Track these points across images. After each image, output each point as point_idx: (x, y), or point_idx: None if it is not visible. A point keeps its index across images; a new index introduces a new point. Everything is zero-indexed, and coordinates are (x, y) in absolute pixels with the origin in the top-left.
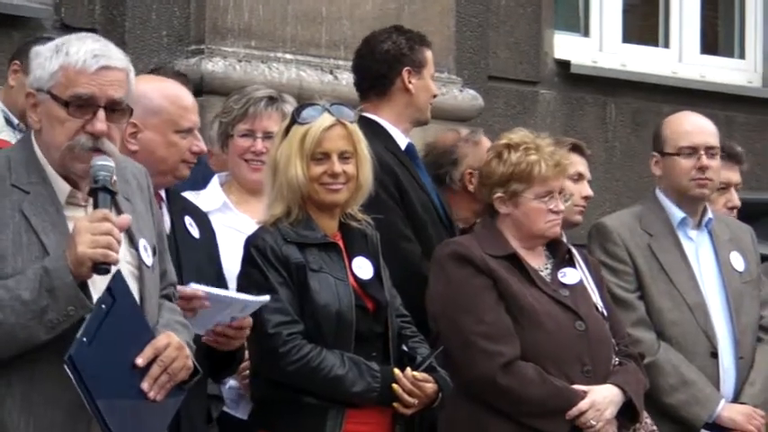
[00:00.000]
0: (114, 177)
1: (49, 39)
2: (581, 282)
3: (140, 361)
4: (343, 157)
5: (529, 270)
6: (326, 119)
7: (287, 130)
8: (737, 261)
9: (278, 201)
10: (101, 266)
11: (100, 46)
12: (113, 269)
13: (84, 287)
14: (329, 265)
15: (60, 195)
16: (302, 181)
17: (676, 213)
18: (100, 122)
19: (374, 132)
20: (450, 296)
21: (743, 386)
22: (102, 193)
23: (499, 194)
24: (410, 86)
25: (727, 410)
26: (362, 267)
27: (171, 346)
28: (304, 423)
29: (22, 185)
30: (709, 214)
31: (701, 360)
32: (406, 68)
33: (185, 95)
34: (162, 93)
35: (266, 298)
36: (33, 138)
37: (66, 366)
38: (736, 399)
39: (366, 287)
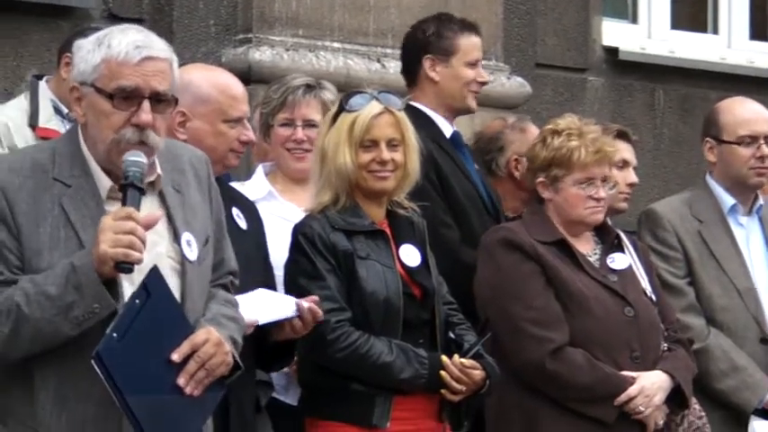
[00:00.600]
0: (146, 174)
1: (97, 29)
2: (630, 267)
3: (176, 356)
4: (391, 144)
5: (577, 256)
6: (375, 106)
7: (334, 118)
8: None
9: (325, 188)
10: (123, 265)
11: (142, 37)
12: (149, 264)
13: (113, 284)
14: (377, 253)
15: (102, 190)
16: (351, 168)
17: (727, 200)
18: (145, 114)
19: (419, 120)
20: (499, 282)
21: None
22: (132, 190)
23: (541, 179)
24: (433, 75)
25: None
26: (410, 255)
27: (210, 341)
28: (352, 409)
29: (64, 179)
30: (761, 201)
31: (750, 346)
32: (428, 57)
33: (235, 84)
34: (211, 81)
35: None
36: (80, 131)
37: (93, 362)
38: None
39: (413, 274)
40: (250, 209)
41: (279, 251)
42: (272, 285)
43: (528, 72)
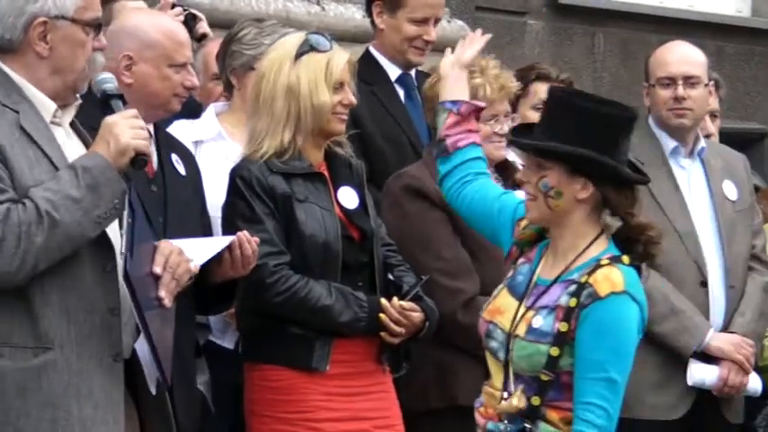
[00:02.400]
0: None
1: None
2: None
3: (158, 269)
4: (349, 87)
5: None
6: (340, 50)
7: (298, 56)
8: (730, 190)
9: (286, 128)
10: (140, 158)
11: None
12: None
13: None
14: (315, 196)
15: (46, 114)
16: (328, 108)
17: (668, 142)
18: (104, 38)
19: (364, 59)
20: (406, 231)
21: (732, 316)
22: (116, 100)
23: None
24: (378, 22)
25: (715, 340)
26: (348, 197)
27: (173, 252)
28: (292, 353)
29: (10, 104)
30: (702, 143)
31: (690, 289)
32: (377, 3)
33: (180, 31)
34: (157, 27)
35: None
36: (1, 63)
37: (125, 282)
38: (725, 328)
39: (352, 217)
40: (188, 155)
41: (223, 193)
42: (209, 232)
43: (468, 15)
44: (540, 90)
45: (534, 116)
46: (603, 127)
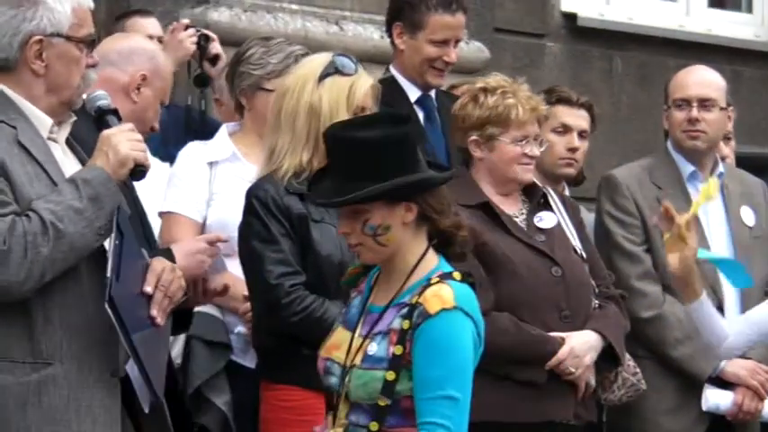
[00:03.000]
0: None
1: None
2: (558, 225)
3: (149, 288)
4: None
5: (502, 218)
6: (365, 75)
7: (322, 78)
8: (748, 216)
9: (305, 148)
10: (139, 169)
11: None
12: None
13: None
14: (330, 216)
15: (42, 130)
16: None
17: (686, 167)
18: (96, 55)
19: (386, 82)
20: None
21: None
22: (111, 116)
23: (474, 138)
24: (398, 43)
25: (731, 365)
26: None
27: (165, 269)
28: (306, 373)
29: (7, 121)
30: (721, 168)
31: None
32: (397, 24)
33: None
34: (168, 64)
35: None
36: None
37: (107, 307)
38: (741, 354)
39: None
40: None
41: (240, 213)
42: (152, 241)
43: (486, 36)
44: (561, 113)
45: (555, 139)
46: (397, 146)
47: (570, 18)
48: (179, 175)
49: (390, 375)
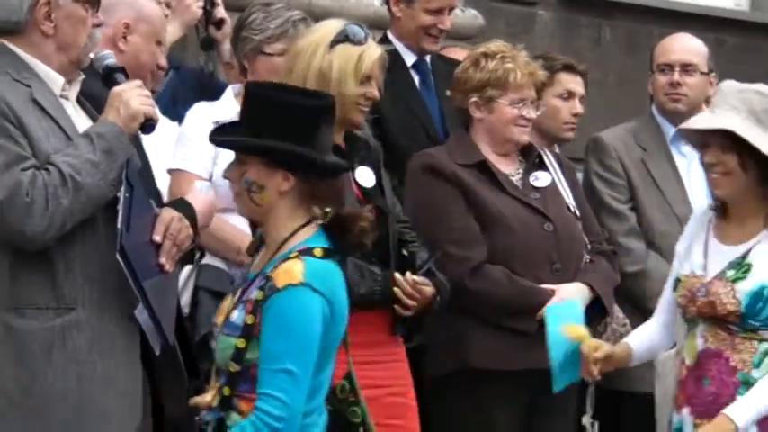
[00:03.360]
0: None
1: None
2: (552, 183)
3: (158, 237)
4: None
5: (498, 176)
6: (374, 45)
7: (332, 45)
8: None
9: None
10: (148, 123)
11: None
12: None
13: None
14: None
15: (54, 88)
16: (352, 100)
17: (669, 129)
18: (101, 15)
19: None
20: (423, 206)
21: None
22: (119, 74)
23: (474, 99)
24: (395, 10)
25: None
26: (365, 176)
27: (174, 218)
28: None
29: (21, 80)
30: None
31: None
32: None
33: (161, 11)
34: (151, 4)
35: None
36: (10, 45)
37: (118, 256)
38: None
39: (368, 194)
40: None
41: None
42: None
43: (482, 4)
44: (565, 80)
45: (560, 104)
46: (299, 118)
47: None
48: (187, 135)
49: (241, 343)
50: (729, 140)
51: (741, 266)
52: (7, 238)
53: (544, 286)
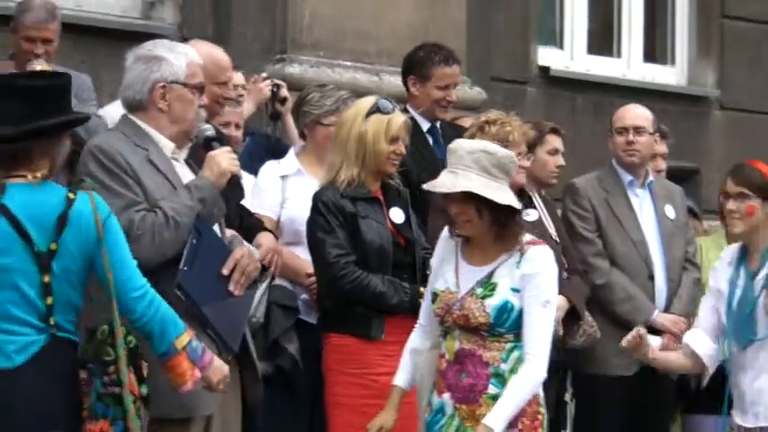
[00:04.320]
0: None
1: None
2: (539, 219)
3: (225, 270)
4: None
5: None
6: (400, 114)
7: (368, 115)
8: (670, 211)
9: (355, 163)
10: (234, 178)
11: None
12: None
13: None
14: (373, 214)
15: (166, 151)
16: (383, 155)
17: (626, 177)
18: (205, 98)
19: None
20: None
21: (672, 300)
22: (215, 142)
23: None
24: (413, 90)
25: (659, 318)
26: (397, 214)
27: (244, 255)
28: (357, 325)
29: (141, 145)
30: (651, 177)
31: (641, 281)
32: (411, 77)
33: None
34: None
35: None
36: (134, 118)
37: (176, 290)
38: (666, 310)
39: (399, 229)
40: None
41: (305, 213)
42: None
43: (484, 83)
44: (552, 140)
45: (547, 158)
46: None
47: (545, 70)
48: (260, 185)
49: None
50: (468, 195)
51: (488, 285)
52: None
53: None
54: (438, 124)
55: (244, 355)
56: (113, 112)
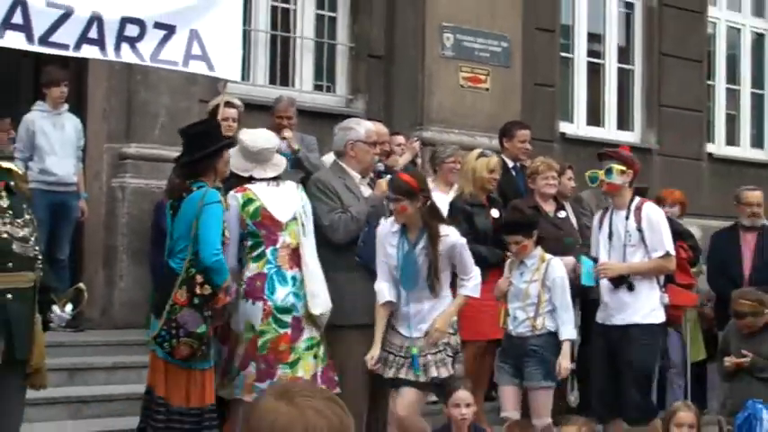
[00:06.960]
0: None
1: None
2: (567, 217)
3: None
4: (497, 171)
5: (542, 212)
6: (495, 156)
7: (477, 157)
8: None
9: (469, 183)
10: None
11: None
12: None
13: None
14: (481, 212)
15: (356, 179)
16: (484, 179)
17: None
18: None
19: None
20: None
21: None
22: (383, 173)
23: (532, 177)
24: (506, 144)
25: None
26: (495, 213)
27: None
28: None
29: (340, 176)
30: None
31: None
32: (504, 137)
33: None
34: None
35: None
36: (339, 161)
37: (356, 258)
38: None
39: (496, 221)
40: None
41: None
42: None
43: (534, 142)
44: (569, 173)
45: (568, 182)
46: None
47: (563, 134)
48: None
49: None
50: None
51: None
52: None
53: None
54: (518, 164)
55: None
56: (327, 159)
